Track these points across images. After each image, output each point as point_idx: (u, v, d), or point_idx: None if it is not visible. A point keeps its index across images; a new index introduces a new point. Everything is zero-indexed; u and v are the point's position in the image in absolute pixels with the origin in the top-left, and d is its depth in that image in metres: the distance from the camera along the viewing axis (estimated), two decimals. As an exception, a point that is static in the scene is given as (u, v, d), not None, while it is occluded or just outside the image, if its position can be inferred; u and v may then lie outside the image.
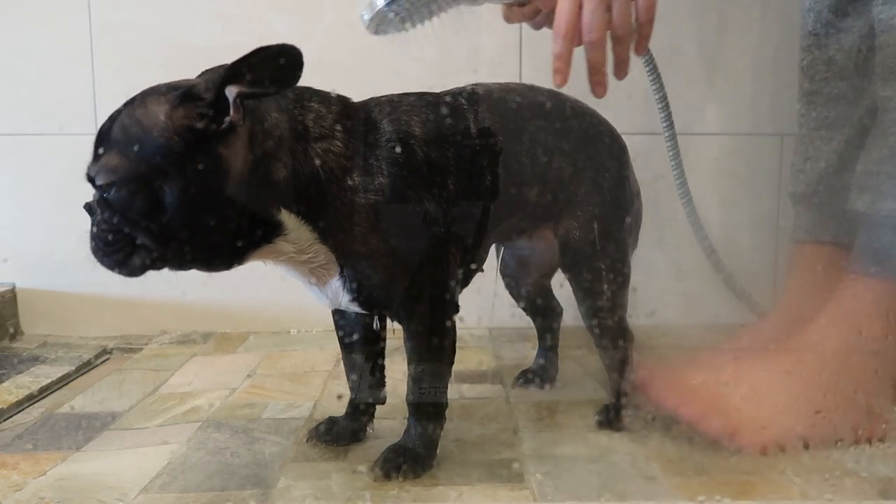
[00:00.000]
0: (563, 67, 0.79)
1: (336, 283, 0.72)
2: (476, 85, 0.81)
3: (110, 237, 0.64)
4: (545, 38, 1.26)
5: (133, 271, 0.65)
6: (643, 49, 0.85)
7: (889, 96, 0.85)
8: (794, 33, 1.09)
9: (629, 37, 0.81)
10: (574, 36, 0.78)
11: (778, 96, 1.26)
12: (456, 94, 0.78)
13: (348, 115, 0.71)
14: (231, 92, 0.62)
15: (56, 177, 1.27)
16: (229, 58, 0.64)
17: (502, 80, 0.84)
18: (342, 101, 0.72)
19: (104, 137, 0.64)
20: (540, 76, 1.12)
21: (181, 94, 0.63)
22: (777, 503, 0.66)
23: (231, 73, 0.61)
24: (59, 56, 1.27)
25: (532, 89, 0.85)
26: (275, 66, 0.61)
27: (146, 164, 0.62)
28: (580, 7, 0.78)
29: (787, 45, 1.15)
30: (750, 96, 1.30)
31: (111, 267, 0.66)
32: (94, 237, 0.65)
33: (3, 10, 1.27)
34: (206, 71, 0.72)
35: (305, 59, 0.65)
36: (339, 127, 0.69)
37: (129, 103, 0.64)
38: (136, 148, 0.62)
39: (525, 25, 1.27)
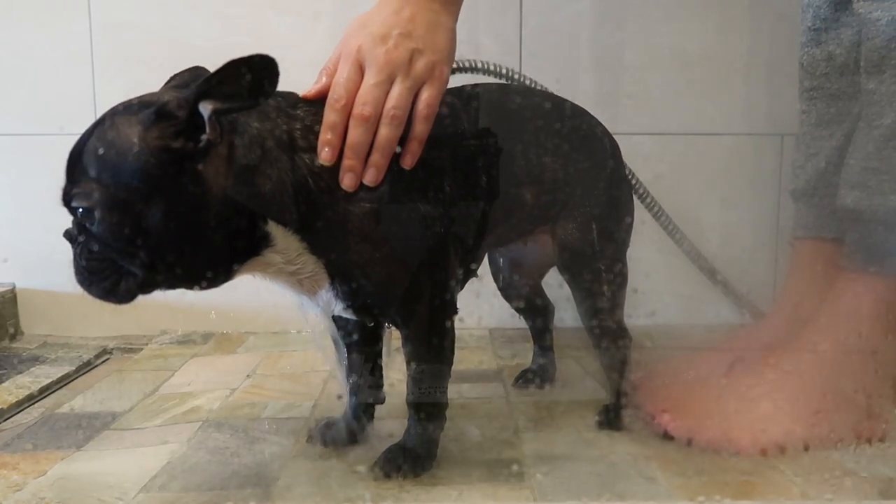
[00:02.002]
0: (335, 141, 0.66)
1: (327, 293, 0.71)
2: (475, 85, 0.81)
3: (95, 265, 0.62)
4: (545, 38, 1.26)
5: (122, 298, 0.63)
6: (414, 155, 0.69)
7: (872, 89, 0.86)
8: (794, 33, 1.09)
9: (400, 126, 0.68)
10: (350, 105, 0.67)
11: (778, 96, 1.27)
12: (454, 94, 0.78)
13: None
14: (205, 108, 0.59)
15: (56, 177, 1.27)
16: (229, 58, 0.64)
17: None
18: None
19: (77, 163, 0.61)
20: (540, 76, 1.12)
21: (153, 113, 0.60)
22: (777, 503, 0.66)
23: (204, 89, 0.58)
24: (59, 56, 1.27)
25: (529, 90, 0.85)
26: (248, 78, 0.58)
27: (123, 188, 0.59)
28: (360, 76, 0.69)
29: (787, 45, 1.15)
30: (750, 96, 1.30)
31: (100, 296, 0.63)
32: (78, 267, 0.63)
33: (3, 10, 1.27)
34: (177, 75, 0.70)
35: (305, 60, 0.65)
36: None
37: (100, 124, 0.62)
38: (111, 173, 0.59)
39: (525, 24, 1.28)
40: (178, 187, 0.60)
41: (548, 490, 0.69)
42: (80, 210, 0.61)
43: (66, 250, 0.66)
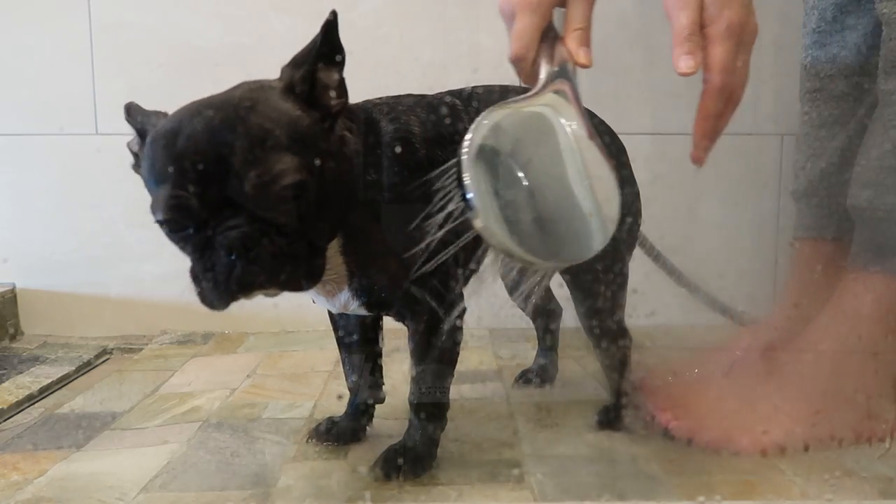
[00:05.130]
0: (698, 54, 0.63)
1: (345, 294, 0.71)
2: (476, 86, 0.81)
3: (294, 249, 0.59)
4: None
5: (317, 275, 0.62)
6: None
7: (890, 90, 0.85)
8: (795, 32, 1.09)
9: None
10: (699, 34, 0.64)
11: (778, 96, 1.26)
12: (454, 94, 0.78)
13: (351, 114, 0.71)
14: (327, 76, 0.62)
15: (56, 177, 1.27)
16: (229, 58, 0.64)
17: (502, 81, 0.84)
18: None
19: (246, 150, 0.56)
20: (540, 76, 1.12)
21: (286, 89, 0.61)
22: (777, 503, 0.66)
23: (314, 59, 0.61)
24: (59, 56, 1.27)
25: (529, 90, 0.85)
26: (335, 32, 0.62)
27: (312, 158, 0.59)
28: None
29: (788, 45, 1.15)
30: (750, 96, 1.29)
31: (301, 283, 0.60)
32: (282, 260, 0.58)
33: (3, 10, 1.27)
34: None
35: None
36: (344, 126, 0.69)
37: (248, 110, 0.58)
38: (300, 145, 0.58)
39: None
40: (332, 155, 0.62)
41: (548, 490, 0.69)
42: (288, 188, 0.57)
43: (66, 251, 0.66)
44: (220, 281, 0.58)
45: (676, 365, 0.97)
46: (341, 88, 0.63)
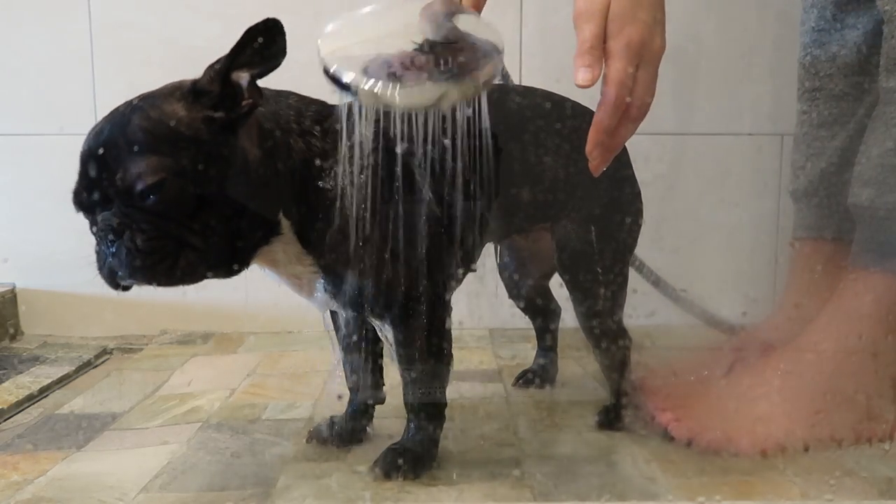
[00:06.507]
0: (596, 68, 0.62)
1: (322, 294, 0.71)
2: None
3: (154, 245, 0.61)
4: (545, 38, 1.26)
5: (183, 277, 0.63)
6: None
7: (892, 88, 0.85)
8: (794, 33, 1.09)
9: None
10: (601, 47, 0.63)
11: (778, 96, 1.26)
12: None
13: (329, 114, 0.71)
14: (239, 77, 0.63)
15: (56, 177, 1.27)
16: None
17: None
18: (320, 102, 0.72)
19: (119, 150, 0.61)
20: (540, 76, 1.12)
21: (190, 91, 0.63)
22: (777, 503, 0.66)
23: (230, 61, 0.63)
24: (59, 56, 1.27)
25: (529, 90, 0.85)
26: (264, 41, 0.63)
27: (185, 157, 0.61)
28: (635, 71, 0.64)
29: (787, 45, 1.15)
30: (750, 96, 1.29)
31: (162, 280, 0.62)
32: (134, 254, 0.61)
33: (3, 10, 1.27)
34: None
35: (305, 60, 0.65)
36: (318, 126, 0.69)
37: (136, 110, 0.62)
38: (170, 146, 0.61)
39: (525, 24, 1.28)
40: (224, 157, 0.63)
41: (548, 490, 0.69)
42: (145, 187, 0.60)
43: (66, 251, 0.66)
44: (100, 267, 0.64)
45: (676, 365, 0.97)
46: (252, 91, 0.64)
